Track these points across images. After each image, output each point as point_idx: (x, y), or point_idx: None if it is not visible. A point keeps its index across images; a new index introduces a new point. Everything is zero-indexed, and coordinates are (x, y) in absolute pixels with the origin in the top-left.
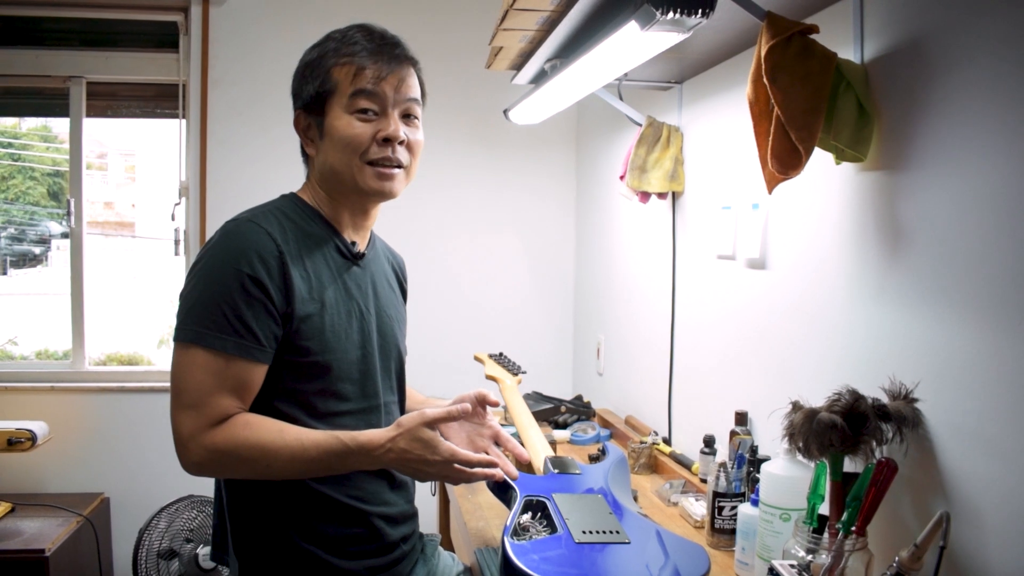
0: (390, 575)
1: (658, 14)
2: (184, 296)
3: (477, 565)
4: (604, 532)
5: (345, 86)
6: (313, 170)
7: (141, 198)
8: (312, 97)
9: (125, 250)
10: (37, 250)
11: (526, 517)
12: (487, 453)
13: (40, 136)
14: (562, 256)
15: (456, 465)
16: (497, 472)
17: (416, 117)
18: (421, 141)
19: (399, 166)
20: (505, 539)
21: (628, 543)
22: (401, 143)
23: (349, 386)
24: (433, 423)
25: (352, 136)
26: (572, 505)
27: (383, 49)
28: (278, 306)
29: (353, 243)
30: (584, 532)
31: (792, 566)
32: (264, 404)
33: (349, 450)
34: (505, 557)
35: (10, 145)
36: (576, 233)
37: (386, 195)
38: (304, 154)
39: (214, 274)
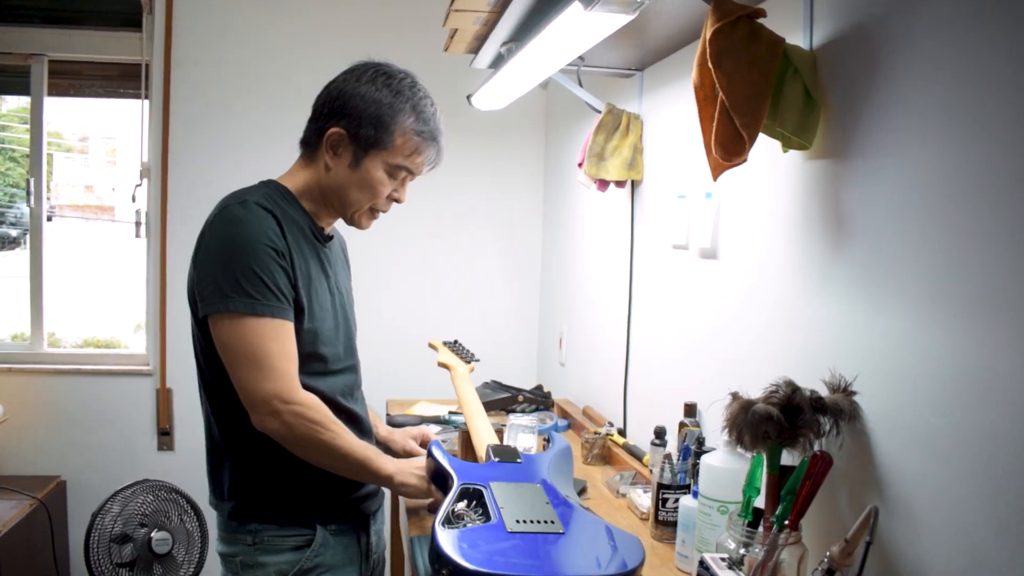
0: (362, 509)
1: None
2: (220, 269)
3: (410, 552)
4: (538, 522)
5: (400, 156)
6: (317, 170)
7: (121, 182)
8: (367, 138)
9: (104, 233)
10: (14, 232)
11: (461, 505)
12: (414, 454)
13: (20, 118)
14: (529, 244)
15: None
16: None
17: None
18: None
19: None
20: (435, 526)
21: (562, 533)
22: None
23: (330, 350)
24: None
25: (379, 190)
26: (509, 494)
27: (438, 137)
28: (291, 277)
29: (322, 228)
30: (518, 521)
31: (723, 559)
32: None
33: (380, 481)
34: (433, 543)
35: None
36: (543, 221)
37: (361, 229)
38: (306, 142)
39: (248, 248)
